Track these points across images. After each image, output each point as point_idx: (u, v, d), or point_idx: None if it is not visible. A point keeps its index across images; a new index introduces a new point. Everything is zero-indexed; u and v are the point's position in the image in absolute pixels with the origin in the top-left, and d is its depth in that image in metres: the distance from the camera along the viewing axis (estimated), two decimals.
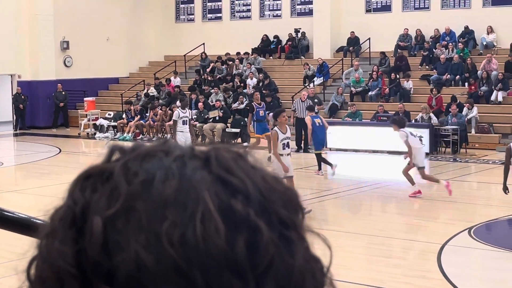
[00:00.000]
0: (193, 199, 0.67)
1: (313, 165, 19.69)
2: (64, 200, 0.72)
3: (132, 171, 0.69)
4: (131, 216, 0.67)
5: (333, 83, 27.91)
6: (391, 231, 11.83)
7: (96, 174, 0.71)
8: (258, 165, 0.73)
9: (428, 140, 20.98)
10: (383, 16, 29.13)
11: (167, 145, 0.73)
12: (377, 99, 25.56)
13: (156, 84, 29.81)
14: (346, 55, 28.73)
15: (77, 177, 0.72)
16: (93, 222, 0.67)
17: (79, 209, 0.69)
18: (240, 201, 0.68)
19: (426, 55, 27.11)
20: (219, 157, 0.71)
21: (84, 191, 0.70)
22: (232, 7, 32.78)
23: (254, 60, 29.89)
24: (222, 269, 0.66)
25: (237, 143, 0.86)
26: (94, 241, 0.66)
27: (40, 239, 0.72)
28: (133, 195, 0.67)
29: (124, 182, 0.68)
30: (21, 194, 16.14)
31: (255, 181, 0.70)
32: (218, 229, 0.66)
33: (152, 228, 0.66)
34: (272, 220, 0.69)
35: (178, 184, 0.68)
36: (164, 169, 0.69)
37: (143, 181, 0.68)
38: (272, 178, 0.72)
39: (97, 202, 0.68)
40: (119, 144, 0.74)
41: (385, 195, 15.58)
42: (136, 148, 0.72)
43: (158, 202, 0.67)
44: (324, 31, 29.68)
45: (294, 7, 31.31)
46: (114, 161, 0.72)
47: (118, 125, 26.89)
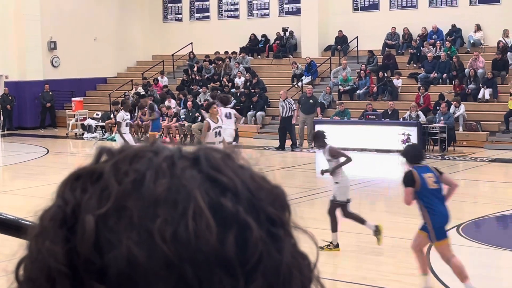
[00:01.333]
0: (184, 197, 0.69)
1: (301, 164, 19.72)
2: (53, 201, 0.73)
3: (122, 171, 0.70)
4: (122, 215, 0.68)
5: (321, 82, 27.94)
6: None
7: (85, 175, 0.72)
8: (246, 165, 0.75)
9: (416, 138, 21.05)
10: (371, 14, 29.19)
11: (155, 146, 0.74)
12: (365, 98, 25.61)
13: (144, 84, 29.76)
14: (334, 54, 28.76)
15: (67, 178, 0.73)
16: (85, 220, 0.68)
17: (70, 209, 0.70)
18: (229, 198, 0.69)
19: (414, 54, 27.19)
20: (208, 157, 0.72)
21: (74, 191, 0.71)
22: (220, 6, 32.76)
23: (242, 60, 29.88)
24: (212, 265, 0.67)
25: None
26: (86, 239, 0.67)
27: (29, 240, 0.72)
28: (124, 195, 0.69)
29: (114, 182, 0.69)
30: (9, 195, 16.08)
31: (243, 179, 0.72)
32: (209, 226, 0.67)
33: (144, 226, 0.67)
34: (260, 218, 0.70)
35: (169, 183, 0.69)
36: (154, 169, 0.70)
37: (134, 181, 0.69)
38: (260, 177, 0.74)
39: (88, 202, 0.69)
40: (107, 145, 0.76)
41: (373, 194, 15.61)
42: (124, 149, 0.73)
43: (149, 201, 0.68)
44: (312, 30, 29.71)
45: (282, 6, 31.32)
46: (103, 162, 0.73)
47: (106, 125, 26.82)
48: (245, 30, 31.29)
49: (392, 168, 20.35)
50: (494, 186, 16.50)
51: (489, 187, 16.90)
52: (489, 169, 18.72)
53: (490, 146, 21.71)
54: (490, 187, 16.73)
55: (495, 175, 18.03)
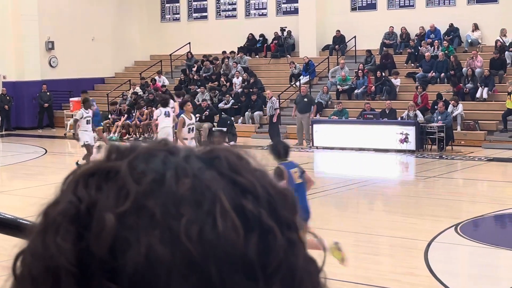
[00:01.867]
0: (208, 198, 0.68)
1: (300, 164, 19.70)
2: (61, 196, 0.71)
3: (139, 170, 0.70)
4: (142, 214, 0.67)
5: (319, 81, 27.95)
6: (378, 228, 11.86)
7: (100, 173, 0.70)
8: (259, 166, 0.74)
9: (414, 138, 21.07)
10: (369, 14, 29.19)
11: (168, 145, 0.73)
12: (363, 97, 25.62)
13: (142, 84, 29.75)
14: (332, 54, 28.77)
15: (79, 174, 0.71)
16: (105, 218, 0.67)
17: (85, 206, 0.68)
18: (250, 201, 0.69)
19: (412, 53, 27.21)
20: (225, 158, 0.72)
21: (88, 188, 0.69)
22: (218, 6, 32.76)
23: (240, 59, 29.88)
24: (236, 266, 0.67)
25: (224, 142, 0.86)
26: (104, 237, 0.66)
27: (32, 234, 0.70)
28: (144, 194, 0.68)
29: (132, 181, 0.69)
30: (7, 195, 16.07)
31: (261, 182, 0.72)
32: (235, 227, 0.67)
33: (167, 224, 0.67)
34: (280, 221, 0.71)
35: (191, 184, 0.69)
36: (174, 169, 0.70)
37: (154, 180, 0.69)
38: (273, 179, 0.74)
39: (105, 201, 0.68)
40: (117, 144, 0.75)
41: (372, 193, 15.62)
42: (136, 148, 0.73)
43: (172, 200, 0.68)
44: (309, 29, 29.72)
45: (279, 5, 31.32)
46: (115, 160, 0.72)
47: (104, 125, 26.80)
48: (243, 30, 31.29)
49: (390, 168, 20.37)
50: (492, 185, 16.51)
51: (487, 186, 16.91)
52: (487, 168, 18.73)
53: (488, 145, 21.72)
54: (488, 186, 16.74)
55: (493, 174, 18.05)
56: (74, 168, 0.75)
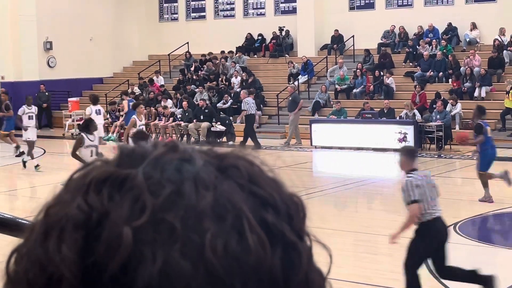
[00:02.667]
0: (231, 212, 0.66)
1: (299, 163, 19.72)
2: (67, 197, 0.67)
3: (155, 181, 0.66)
4: (161, 228, 0.64)
5: (317, 81, 27.95)
6: (377, 227, 11.86)
7: (113, 180, 0.67)
8: (272, 174, 0.72)
9: (412, 137, 21.07)
10: (367, 13, 29.19)
11: (179, 149, 0.70)
12: (362, 97, 25.62)
13: (140, 84, 29.74)
14: (330, 53, 28.77)
15: (92, 178, 0.67)
16: (123, 233, 0.63)
17: (96, 215, 0.65)
18: (271, 214, 0.67)
19: (410, 52, 27.21)
20: (242, 167, 0.70)
21: (100, 196, 0.65)
22: (216, 5, 32.74)
23: (239, 59, 29.88)
24: (262, 282, 0.65)
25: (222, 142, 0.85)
26: (120, 253, 0.63)
27: (30, 234, 0.67)
28: (163, 208, 0.65)
29: (148, 193, 0.65)
30: (6, 195, 16.06)
31: (279, 192, 0.70)
32: (263, 242, 0.65)
33: (189, 238, 0.64)
34: (300, 234, 0.69)
35: (212, 197, 0.66)
36: (192, 179, 0.67)
37: (172, 193, 0.65)
38: (286, 187, 0.72)
39: (119, 212, 0.64)
40: (128, 147, 0.71)
41: (370, 192, 15.63)
42: (148, 153, 0.69)
43: (193, 214, 0.65)
44: (308, 29, 29.72)
45: (278, 5, 31.31)
46: (128, 166, 0.68)
47: (103, 125, 26.77)
48: (241, 30, 31.28)
49: (389, 167, 20.37)
50: (491, 185, 16.50)
51: None
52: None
53: None
54: None
55: None
56: (79, 166, 0.70)
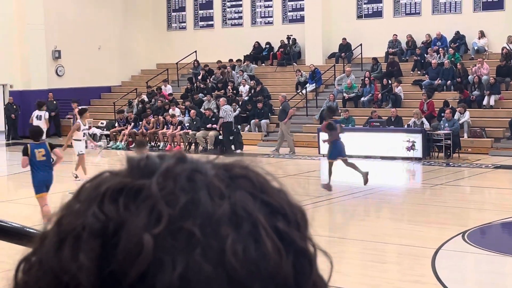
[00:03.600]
0: (246, 219, 0.67)
1: (306, 172, 19.71)
2: (80, 207, 0.68)
3: (169, 191, 0.67)
4: (179, 235, 0.65)
5: (325, 89, 27.95)
6: (385, 236, 11.83)
7: (128, 190, 0.67)
8: (279, 185, 0.74)
9: (420, 145, 21.03)
10: (375, 22, 29.20)
11: (189, 161, 0.71)
12: (370, 105, 25.60)
13: (148, 92, 29.79)
14: (338, 61, 28.77)
15: (106, 188, 0.68)
16: (144, 241, 0.64)
17: (113, 224, 0.65)
18: (282, 222, 0.69)
19: (418, 60, 27.19)
20: (252, 177, 0.71)
21: (116, 206, 0.66)
22: (224, 14, 32.81)
23: (247, 67, 29.91)
24: (277, 287, 0.66)
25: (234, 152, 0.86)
26: (141, 261, 0.63)
27: (41, 243, 0.67)
28: (180, 216, 0.66)
29: (163, 203, 0.66)
30: (14, 204, 16.09)
31: (287, 201, 0.72)
32: (278, 249, 0.67)
33: (209, 243, 0.65)
34: (308, 241, 0.71)
35: (228, 205, 0.67)
36: (206, 189, 0.68)
37: (188, 202, 0.67)
38: (291, 194, 0.74)
39: (136, 221, 0.65)
40: (136, 157, 0.72)
41: (378, 201, 15.59)
42: (158, 163, 0.70)
43: (210, 222, 0.66)
44: (316, 37, 29.74)
45: (285, 14, 31.36)
46: (140, 177, 0.69)
47: (111, 134, 26.85)
48: (249, 38, 31.33)
49: (397, 175, 20.33)
50: (500, 193, 16.47)
51: (494, 193, 16.87)
52: (494, 175, 18.68)
53: (495, 153, 21.67)
54: (496, 194, 16.70)
55: (500, 182, 17.99)
56: (90, 178, 0.70)
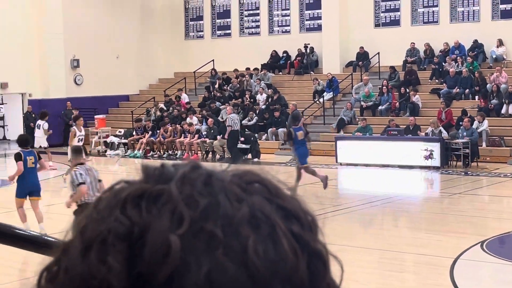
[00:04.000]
0: (264, 222, 0.69)
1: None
2: (102, 214, 0.69)
3: (187, 195, 0.69)
4: (201, 236, 0.67)
5: (343, 98, 27.92)
6: (403, 245, 11.78)
7: (148, 195, 0.69)
8: (290, 192, 0.75)
9: (439, 154, 20.94)
10: (392, 30, 29.14)
11: (203, 168, 0.73)
12: (387, 114, 25.54)
13: (166, 101, 29.88)
14: (356, 70, 28.74)
15: (127, 194, 0.69)
16: (171, 241, 0.65)
17: (138, 228, 0.67)
18: (296, 225, 0.71)
19: (436, 69, 27.10)
20: (266, 183, 0.73)
21: (140, 210, 0.68)
22: (241, 23, 32.88)
23: (264, 76, 29.95)
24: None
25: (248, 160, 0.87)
26: (170, 262, 0.65)
27: (65, 251, 0.69)
28: (201, 218, 0.67)
29: (184, 205, 0.68)
30: (31, 212, 16.14)
31: (300, 206, 0.73)
32: (295, 250, 0.68)
33: (231, 244, 0.67)
34: (321, 244, 0.72)
35: (247, 207, 0.69)
36: (224, 193, 0.70)
37: (208, 204, 0.68)
38: (302, 199, 0.75)
39: (160, 223, 0.67)
40: (151, 165, 0.73)
41: (396, 210, 15.53)
42: (173, 170, 0.72)
43: (231, 223, 0.68)
44: (333, 46, 29.73)
45: (303, 22, 31.38)
46: (158, 182, 0.70)
47: (129, 142, 26.96)
48: (267, 47, 31.37)
49: (415, 184, 20.24)
50: None
51: None
52: None
53: None
54: None
55: None
56: (111, 185, 0.72)
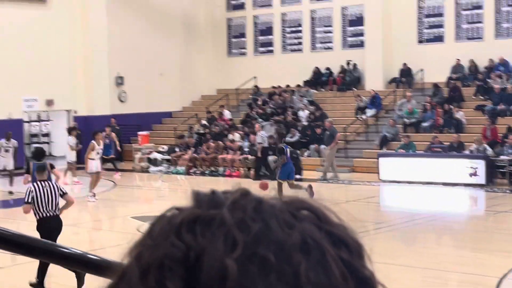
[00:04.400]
0: (315, 248, 0.69)
1: (366, 197, 19.54)
2: (157, 240, 0.71)
3: (239, 219, 0.70)
4: (254, 260, 0.68)
5: (385, 114, 27.76)
6: (447, 264, 11.63)
7: (202, 220, 0.71)
8: (339, 220, 0.76)
9: (483, 172, 20.67)
10: (436, 46, 28.93)
11: (253, 195, 0.74)
12: (431, 130, 25.31)
13: (208, 117, 30.04)
14: (399, 86, 28.58)
15: (181, 220, 0.71)
16: (228, 266, 0.67)
17: (194, 252, 0.68)
18: (344, 251, 0.71)
19: (480, 86, 26.80)
20: (315, 210, 0.74)
21: (195, 235, 0.69)
22: (284, 40, 32.96)
23: (306, 93, 29.94)
24: None
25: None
26: (228, 284, 0.66)
27: (123, 277, 0.71)
28: (254, 242, 0.68)
29: (237, 229, 0.69)
30: (76, 228, 16.32)
31: (347, 232, 0.74)
32: (346, 277, 0.69)
33: (283, 269, 0.67)
34: (369, 271, 0.73)
35: (298, 234, 0.70)
36: (275, 219, 0.71)
37: (260, 229, 0.70)
38: (350, 226, 0.76)
39: (215, 247, 0.68)
40: (202, 192, 0.75)
41: (440, 228, 15.35)
42: (225, 198, 0.73)
43: (283, 248, 0.69)
44: (376, 62, 29.62)
45: (345, 39, 31.33)
46: (210, 208, 0.72)
47: (172, 159, 27.13)
48: (309, 64, 31.38)
49: (459, 202, 20.00)
50: None
51: None
52: None
53: None
54: None
55: None
56: (163, 213, 0.74)
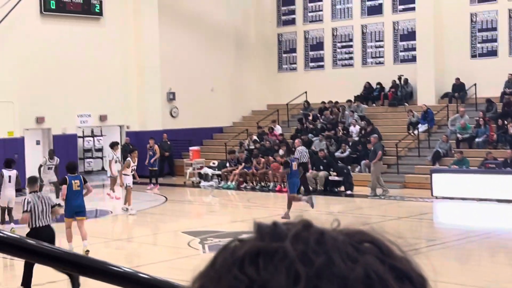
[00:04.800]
0: (379, 283, 0.70)
1: (419, 214, 19.30)
2: (220, 272, 0.72)
3: (302, 253, 0.71)
4: None
5: (438, 129, 27.45)
6: (502, 282, 11.41)
7: (264, 253, 0.71)
8: (402, 253, 0.76)
9: None
10: (489, 61, 28.52)
11: (312, 226, 0.74)
12: (485, 146, 24.93)
13: (259, 132, 30.09)
14: (451, 101, 28.24)
15: (244, 252, 0.72)
16: None
17: (257, 286, 0.69)
18: (408, 286, 0.72)
19: None
20: (378, 243, 0.74)
21: (258, 268, 0.70)
22: (335, 55, 32.88)
23: (357, 108, 29.80)
24: None
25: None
26: None
27: None
28: (316, 276, 0.69)
29: (300, 263, 0.69)
30: (128, 243, 16.48)
31: (412, 267, 0.74)
32: None
33: None
34: None
35: (361, 268, 0.70)
36: (337, 252, 0.71)
37: (323, 263, 0.70)
38: (414, 260, 0.76)
39: (277, 281, 0.69)
40: (265, 224, 0.76)
41: (495, 245, 15.07)
42: (287, 230, 0.74)
43: (345, 283, 0.69)
44: (428, 77, 29.33)
45: (397, 54, 31.12)
46: (272, 240, 0.73)
47: (222, 174, 27.21)
48: (360, 78, 31.23)
49: None
50: None
51: None
52: None
53: None
54: None
55: None
56: (225, 244, 0.75)
